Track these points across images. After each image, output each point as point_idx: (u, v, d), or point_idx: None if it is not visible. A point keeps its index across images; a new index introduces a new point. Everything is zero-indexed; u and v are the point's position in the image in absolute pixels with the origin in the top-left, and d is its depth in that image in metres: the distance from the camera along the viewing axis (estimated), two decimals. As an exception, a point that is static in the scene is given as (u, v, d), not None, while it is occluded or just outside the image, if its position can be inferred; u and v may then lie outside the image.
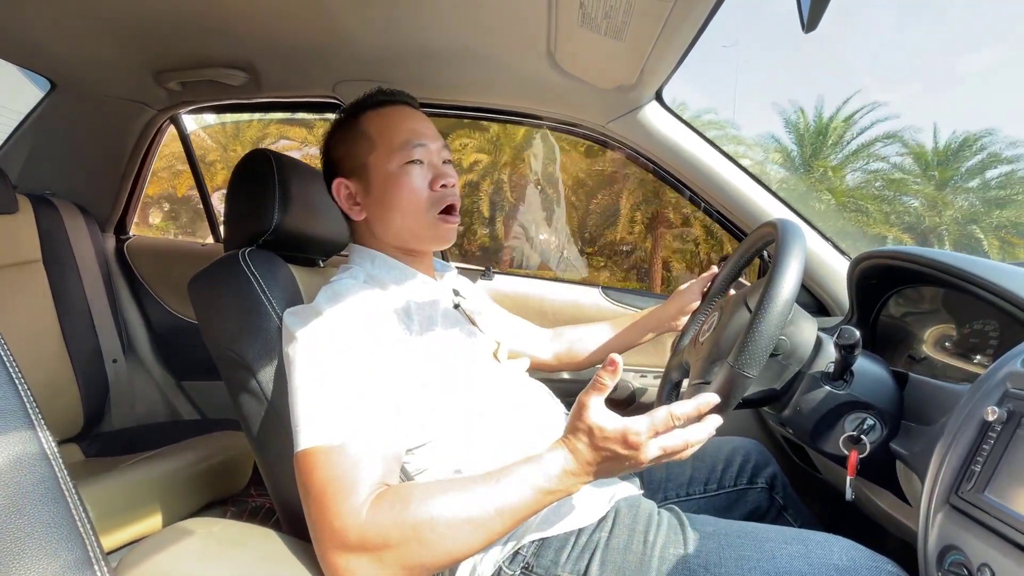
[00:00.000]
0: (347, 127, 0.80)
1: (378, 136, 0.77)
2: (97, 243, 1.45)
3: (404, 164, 0.76)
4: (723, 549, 0.64)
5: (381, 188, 0.76)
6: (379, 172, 0.76)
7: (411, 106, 0.82)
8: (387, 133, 0.77)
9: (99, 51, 1.21)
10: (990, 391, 0.53)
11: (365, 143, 0.77)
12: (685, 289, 0.99)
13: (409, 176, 0.76)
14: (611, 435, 0.56)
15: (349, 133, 0.79)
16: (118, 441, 1.32)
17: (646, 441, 0.55)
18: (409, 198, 0.76)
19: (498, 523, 0.55)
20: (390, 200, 0.76)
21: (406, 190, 0.75)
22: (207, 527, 0.59)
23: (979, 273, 0.67)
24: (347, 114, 0.81)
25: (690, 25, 0.88)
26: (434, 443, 0.69)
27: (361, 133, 0.78)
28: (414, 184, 0.76)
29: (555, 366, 1.07)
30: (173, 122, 1.57)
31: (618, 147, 1.32)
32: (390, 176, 0.76)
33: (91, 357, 1.37)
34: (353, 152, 0.78)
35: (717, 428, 0.59)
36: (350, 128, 0.80)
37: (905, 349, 0.87)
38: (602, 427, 0.56)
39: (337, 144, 0.81)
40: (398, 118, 0.79)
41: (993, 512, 0.46)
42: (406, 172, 0.76)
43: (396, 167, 0.76)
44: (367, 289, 0.71)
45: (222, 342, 0.74)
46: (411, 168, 0.76)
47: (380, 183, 0.76)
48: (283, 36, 1.14)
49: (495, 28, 1.04)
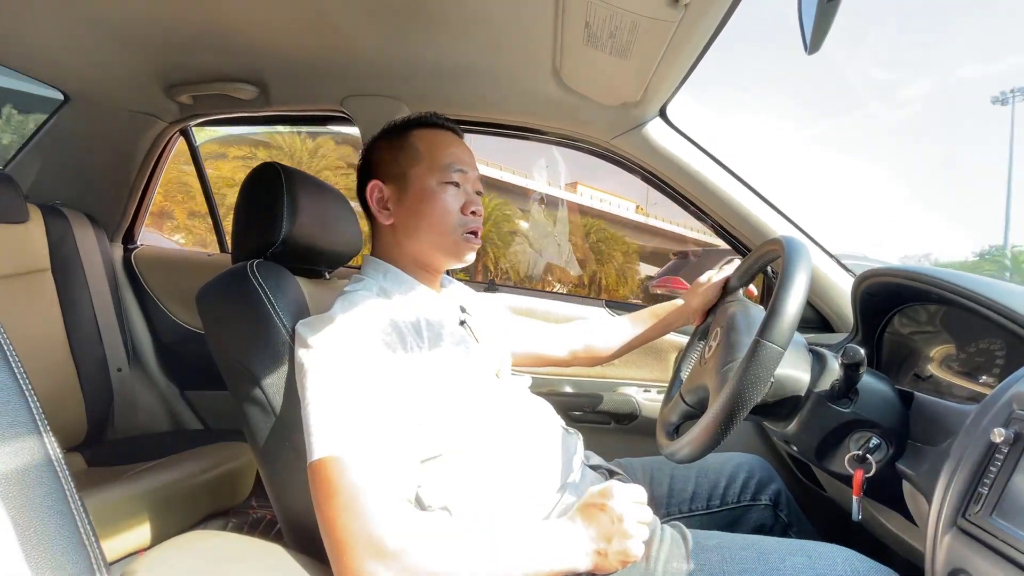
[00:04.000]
0: (396, 136, 0.83)
1: (426, 151, 0.80)
2: (105, 253, 1.46)
3: (443, 183, 0.79)
4: (726, 562, 0.64)
5: (416, 199, 0.79)
6: (418, 183, 0.79)
7: (458, 135, 0.86)
8: (434, 151, 0.80)
9: (112, 65, 1.24)
10: (997, 412, 0.53)
11: (411, 154, 0.80)
12: (706, 283, 0.97)
13: (445, 194, 0.79)
14: (596, 491, 0.66)
15: (397, 142, 0.82)
16: (121, 450, 1.32)
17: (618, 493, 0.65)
18: (442, 215, 0.78)
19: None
20: (423, 212, 0.79)
21: (440, 207, 0.78)
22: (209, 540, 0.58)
23: (983, 292, 0.67)
24: (400, 126, 0.84)
25: (695, 44, 0.89)
26: (436, 460, 0.69)
27: (410, 145, 0.81)
28: (448, 203, 0.79)
29: (570, 362, 1.06)
30: (183, 134, 1.59)
31: (623, 163, 1.33)
32: (428, 190, 0.78)
33: (96, 366, 1.37)
34: (397, 159, 0.81)
35: (723, 443, 0.61)
36: (399, 138, 0.82)
37: (910, 368, 0.86)
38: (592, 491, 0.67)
39: (382, 149, 0.83)
40: (446, 141, 0.82)
41: (1001, 536, 0.46)
42: (444, 190, 0.79)
43: (435, 184, 0.79)
44: (381, 302, 0.72)
45: (229, 354, 0.74)
46: (448, 188, 0.79)
47: (416, 194, 0.79)
48: (293, 51, 1.16)
49: (502, 45, 1.06)
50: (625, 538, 0.63)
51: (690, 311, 0.98)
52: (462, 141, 0.85)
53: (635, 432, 1.35)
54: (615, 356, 1.05)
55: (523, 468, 0.74)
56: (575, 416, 1.35)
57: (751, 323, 0.77)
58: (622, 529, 0.63)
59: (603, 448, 0.98)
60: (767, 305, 0.63)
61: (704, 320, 0.96)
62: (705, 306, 0.96)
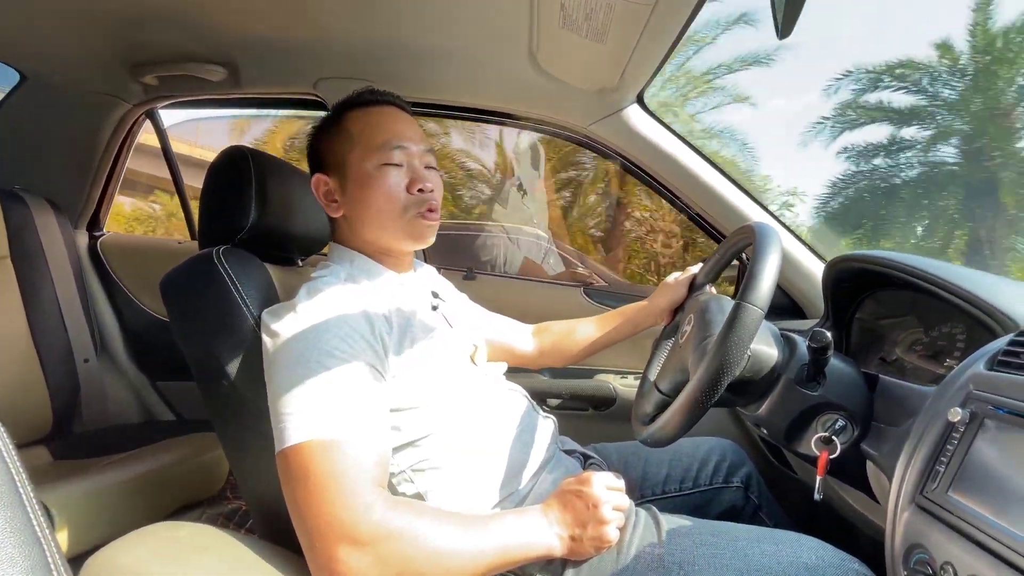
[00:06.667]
0: (332, 123, 0.80)
1: (359, 134, 0.76)
2: (69, 240, 1.41)
3: (381, 165, 0.75)
4: (697, 548, 0.66)
5: (357, 187, 0.76)
6: (356, 170, 0.76)
7: (398, 107, 0.81)
8: (368, 132, 0.76)
9: (72, 43, 1.18)
10: (954, 393, 0.54)
11: (346, 140, 0.77)
12: (672, 282, 0.97)
13: (385, 177, 0.75)
14: (573, 478, 0.69)
15: (333, 129, 0.79)
16: (89, 443, 1.28)
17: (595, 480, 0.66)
18: (386, 200, 0.75)
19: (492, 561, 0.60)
20: (365, 199, 0.75)
21: (381, 191, 0.75)
22: (174, 531, 0.57)
23: (947, 278, 0.69)
24: (334, 111, 0.81)
25: (670, 29, 0.88)
26: (412, 446, 0.68)
27: (343, 130, 0.78)
28: (389, 185, 0.75)
29: (538, 361, 1.06)
30: (149, 117, 1.53)
31: (600, 149, 1.32)
32: (366, 175, 0.75)
33: (61, 356, 1.33)
34: (334, 148, 0.78)
35: (695, 427, 0.62)
36: (334, 124, 0.79)
37: (877, 351, 0.88)
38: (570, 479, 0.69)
39: (321, 139, 0.80)
40: (381, 119, 0.78)
41: (956, 512, 0.47)
42: (383, 173, 0.75)
43: (373, 167, 0.75)
44: (348, 289, 0.70)
45: (195, 342, 0.73)
46: (388, 170, 0.75)
47: (356, 181, 0.76)
48: (263, 32, 1.12)
49: (477, 27, 1.04)
50: (600, 524, 0.64)
51: (658, 310, 0.98)
52: (402, 114, 0.81)
53: (611, 418, 1.36)
54: (583, 357, 1.05)
55: (498, 453, 0.74)
56: (553, 403, 1.36)
57: (723, 307, 0.77)
58: (597, 515, 0.64)
59: (579, 434, 0.98)
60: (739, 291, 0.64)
61: (672, 319, 0.97)
62: (672, 305, 0.96)
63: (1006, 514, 0.44)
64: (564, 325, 1.07)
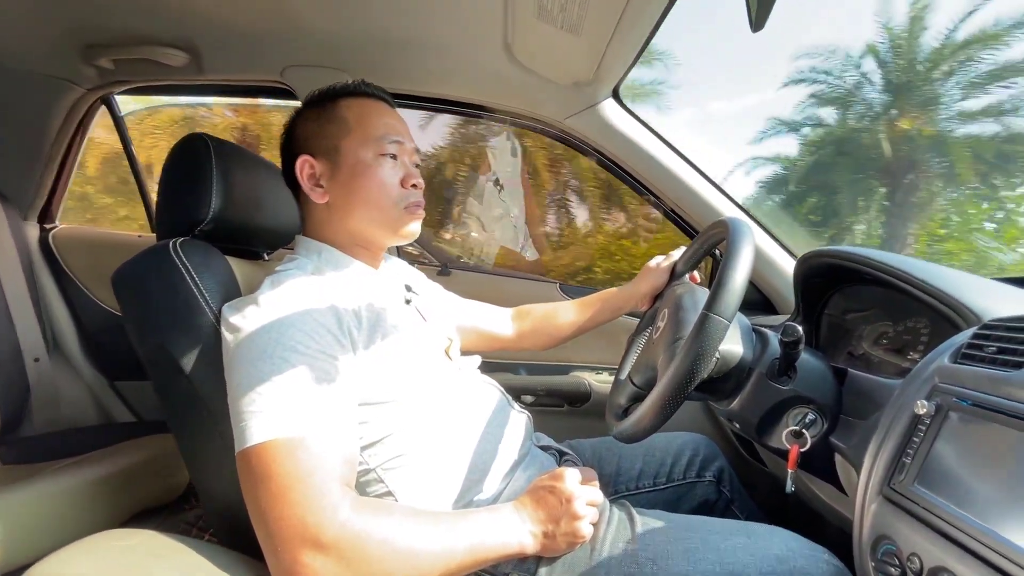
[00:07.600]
0: (322, 108, 0.77)
1: (356, 122, 0.75)
2: (17, 232, 1.33)
3: (379, 155, 0.74)
4: (671, 543, 0.66)
5: (350, 174, 0.74)
6: (351, 157, 0.74)
7: (390, 105, 0.81)
8: (366, 121, 0.75)
9: (18, 21, 1.11)
10: (920, 386, 0.55)
11: (341, 126, 0.75)
12: (655, 267, 0.97)
13: (382, 168, 0.74)
14: (546, 474, 0.68)
15: (324, 113, 0.76)
16: (40, 446, 1.22)
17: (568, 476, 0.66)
18: (380, 189, 0.74)
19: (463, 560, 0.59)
20: (360, 187, 0.73)
21: (378, 181, 0.74)
22: (124, 539, 0.54)
23: (912, 273, 0.70)
24: (323, 96, 0.78)
25: (645, 22, 0.88)
26: (382, 443, 0.66)
27: (338, 116, 0.75)
28: (386, 177, 0.74)
29: (518, 343, 1.05)
30: (105, 103, 1.46)
31: (577, 144, 1.31)
32: (363, 164, 0.73)
33: (8, 355, 1.26)
34: (325, 132, 0.75)
35: (669, 421, 0.62)
36: (326, 108, 0.77)
37: (846, 345, 0.90)
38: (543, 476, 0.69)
39: (308, 122, 0.77)
40: (378, 111, 0.77)
41: (922, 503, 0.48)
42: (380, 164, 0.74)
43: (371, 156, 0.74)
44: (314, 281, 0.68)
45: (150, 339, 0.69)
46: (385, 161, 0.74)
47: (350, 168, 0.74)
48: (227, 15, 1.07)
49: (451, 16, 1.02)
50: (573, 519, 0.63)
51: (639, 296, 0.98)
52: (394, 111, 0.80)
53: (585, 414, 1.36)
54: (564, 340, 1.05)
55: (471, 449, 0.72)
56: (528, 400, 1.35)
57: (697, 302, 0.78)
58: (571, 510, 0.63)
59: (554, 430, 0.98)
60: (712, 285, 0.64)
61: (652, 305, 0.97)
62: (653, 291, 0.97)
63: (970, 505, 0.44)
64: (545, 308, 1.06)
